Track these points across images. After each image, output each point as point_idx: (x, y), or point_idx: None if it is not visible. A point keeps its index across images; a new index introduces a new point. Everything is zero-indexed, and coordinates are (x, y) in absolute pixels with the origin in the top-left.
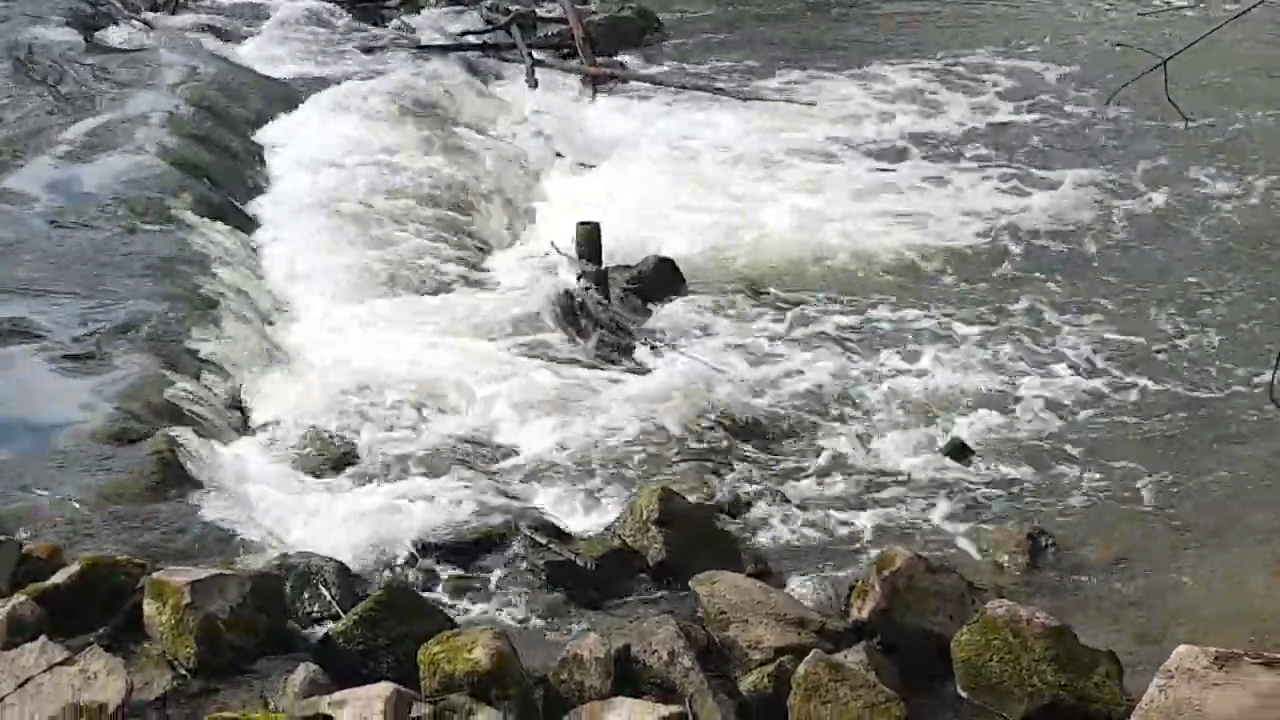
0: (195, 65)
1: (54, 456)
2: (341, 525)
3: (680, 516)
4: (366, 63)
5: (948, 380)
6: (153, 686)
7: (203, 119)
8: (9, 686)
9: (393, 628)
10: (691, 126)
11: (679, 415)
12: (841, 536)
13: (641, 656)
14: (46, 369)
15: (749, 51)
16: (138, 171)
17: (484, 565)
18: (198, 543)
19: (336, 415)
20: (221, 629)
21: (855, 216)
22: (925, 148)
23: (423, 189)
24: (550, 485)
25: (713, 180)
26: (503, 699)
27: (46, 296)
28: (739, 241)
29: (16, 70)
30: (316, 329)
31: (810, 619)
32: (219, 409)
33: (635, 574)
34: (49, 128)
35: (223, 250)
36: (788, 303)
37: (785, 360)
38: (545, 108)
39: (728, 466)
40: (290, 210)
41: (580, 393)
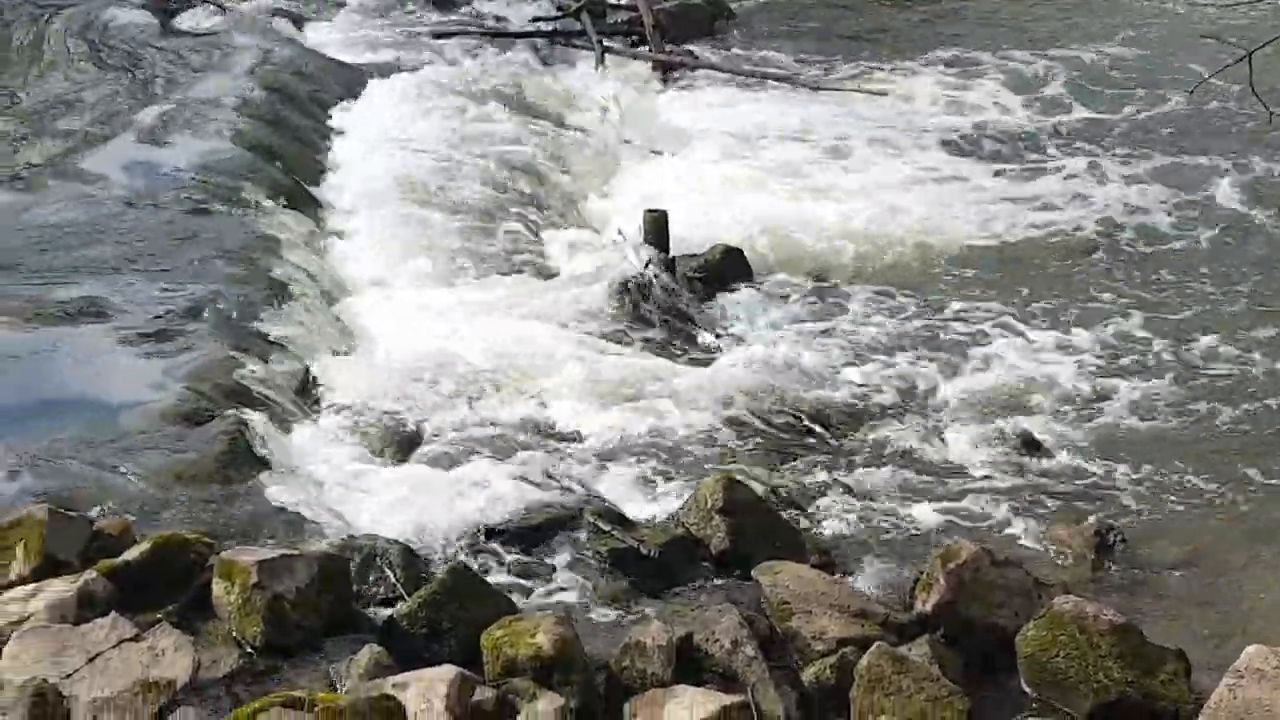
0: (268, 49)
1: (125, 436)
2: (407, 508)
3: (744, 506)
4: (438, 49)
5: (1018, 373)
6: (220, 665)
7: (275, 103)
8: (80, 661)
9: (456, 611)
10: (761, 115)
11: (744, 404)
12: (906, 529)
13: (704, 645)
14: (119, 349)
15: (821, 40)
16: (211, 155)
17: (548, 551)
18: (265, 523)
19: (403, 398)
20: (288, 609)
21: (925, 207)
22: (1000, 138)
23: (492, 175)
24: (614, 472)
25: (781, 169)
26: (565, 684)
27: (120, 277)
28: (807, 231)
29: (93, 54)
30: (384, 312)
31: (874, 611)
32: (287, 391)
33: (698, 562)
34: (125, 111)
35: (293, 234)
36: (856, 294)
37: (852, 350)
38: (614, 95)
39: (792, 456)
40: (360, 194)
41: (645, 380)
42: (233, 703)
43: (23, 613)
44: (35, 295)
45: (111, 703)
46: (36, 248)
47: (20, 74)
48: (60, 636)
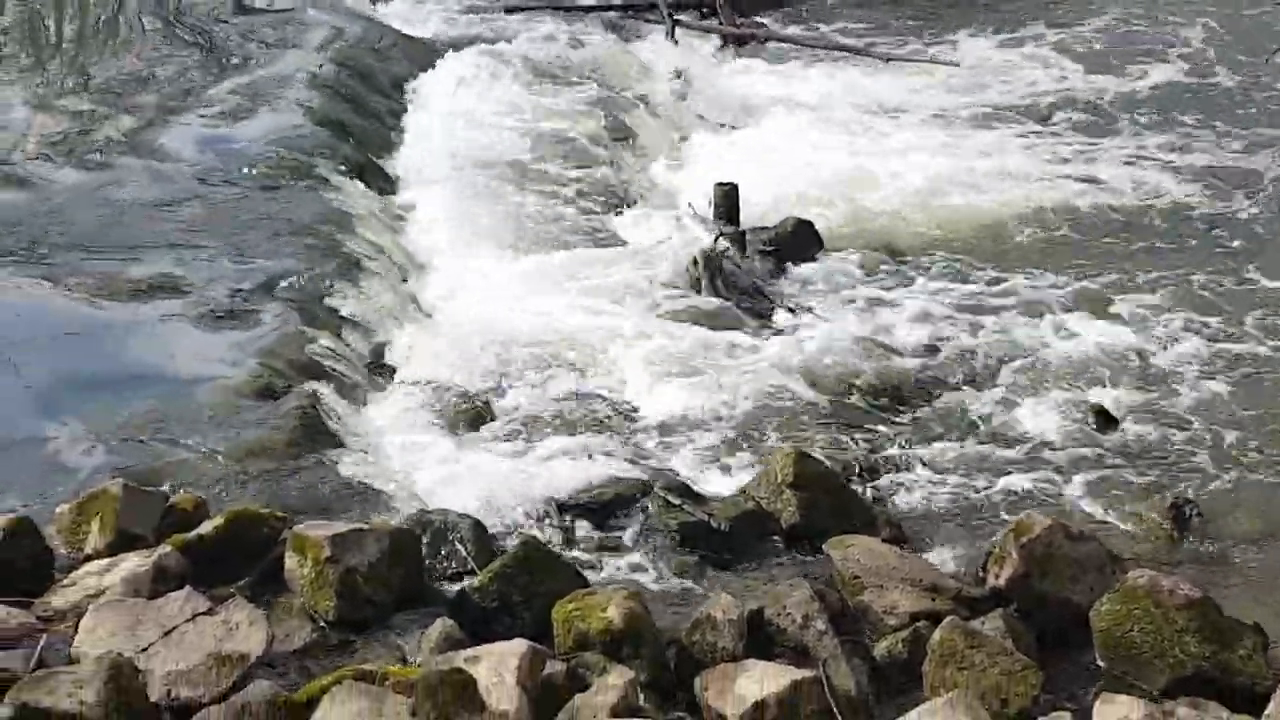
0: (340, 25)
1: (199, 410)
2: (478, 482)
3: (815, 479)
4: (509, 22)
5: (1092, 346)
6: (293, 638)
7: (347, 79)
8: (155, 634)
9: (527, 585)
10: (832, 87)
11: (815, 378)
12: (979, 503)
13: (775, 619)
14: (193, 324)
15: (892, 12)
16: (283, 131)
17: (618, 525)
18: (337, 497)
19: (474, 373)
20: (360, 583)
21: (999, 179)
22: (1073, 111)
23: (562, 148)
24: (684, 446)
25: (853, 142)
26: (635, 658)
27: (193, 253)
28: (880, 204)
29: (167, 30)
30: (456, 287)
31: (946, 585)
32: (359, 366)
33: (769, 536)
34: (198, 87)
35: (364, 209)
36: (928, 266)
37: (924, 324)
38: (685, 68)
39: (864, 430)
40: (431, 169)
41: (716, 354)
42: (306, 676)
43: (99, 586)
44: (110, 271)
45: (186, 676)
46: (111, 224)
47: (96, 52)
48: (135, 610)
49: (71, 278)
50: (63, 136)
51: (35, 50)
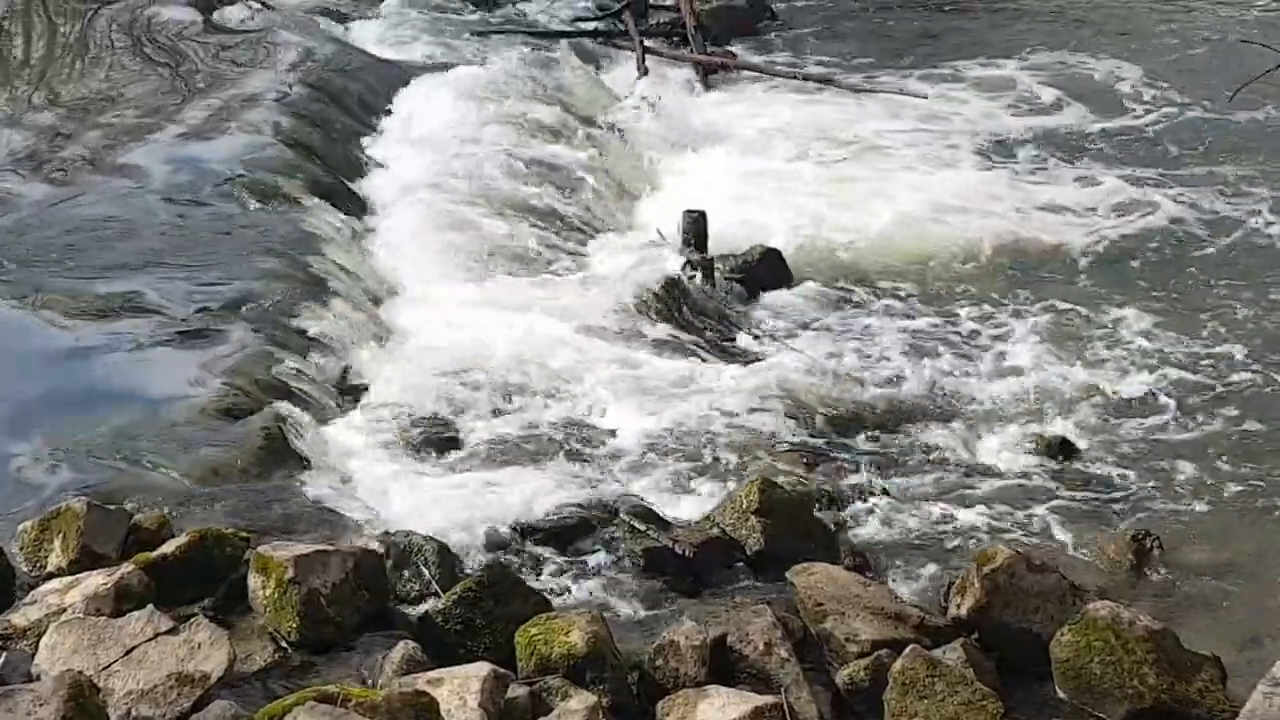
0: (311, 46)
1: (164, 429)
2: (442, 505)
3: (779, 507)
4: (479, 47)
5: (1054, 378)
6: (255, 658)
7: (317, 100)
8: (116, 654)
9: (491, 608)
10: (802, 117)
11: (781, 406)
12: (942, 532)
13: (737, 646)
14: (159, 344)
15: (863, 43)
16: (252, 151)
17: (582, 549)
18: (302, 518)
19: (440, 396)
20: (323, 604)
21: (965, 212)
22: (1040, 144)
23: (531, 174)
24: (650, 472)
25: (822, 172)
26: (598, 682)
27: (161, 272)
28: (847, 234)
29: (137, 49)
30: (423, 310)
31: (908, 614)
32: (325, 387)
33: (733, 563)
34: (167, 106)
35: (333, 230)
36: (894, 296)
37: (889, 354)
38: (655, 95)
39: (828, 459)
40: (400, 192)
41: (682, 380)
42: (267, 697)
43: (61, 604)
44: (75, 289)
45: (147, 695)
46: (78, 243)
47: (64, 68)
48: (97, 629)
49: (37, 296)
50: (29, 154)
51: (3, 67)
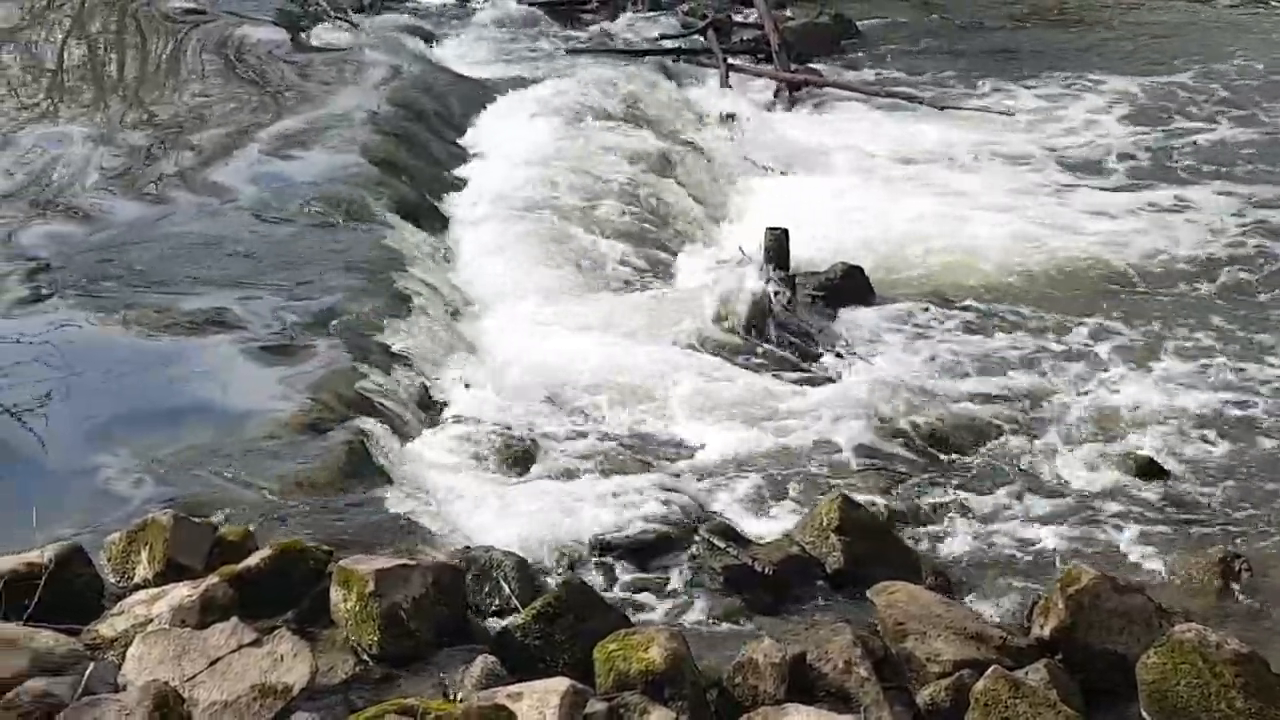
0: (397, 65)
1: (249, 443)
2: (522, 520)
3: (860, 525)
4: (564, 66)
5: (1143, 398)
6: (336, 671)
7: (403, 118)
8: (201, 665)
9: (570, 624)
10: (885, 134)
11: (862, 424)
12: (1025, 552)
13: (817, 664)
14: (245, 359)
15: (948, 60)
16: (339, 169)
17: (661, 566)
18: (383, 532)
19: (521, 412)
20: (404, 618)
21: (1049, 230)
22: (1129, 161)
23: (614, 191)
24: (729, 489)
25: (906, 189)
26: (676, 699)
27: (247, 288)
28: (932, 252)
29: (226, 69)
30: (504, 326)
31: (990, 634)
32: (407, 403)
33: (813, 581)
34: (255, 125)
35: (417, 248)
36: (979, 314)
37: (974, 372)
38: (739, 113)
39: (910, 477)
40: (483, 209)
41: (763, 397)
42: (348, 709)
43: (147, 615)
44: (165, 305)
45: (230, 706)
46: (167, 258)
47: (157, 87)
48: (182, 640)
49: (128, 310)
50: (122, 172)
51: (98, 86)
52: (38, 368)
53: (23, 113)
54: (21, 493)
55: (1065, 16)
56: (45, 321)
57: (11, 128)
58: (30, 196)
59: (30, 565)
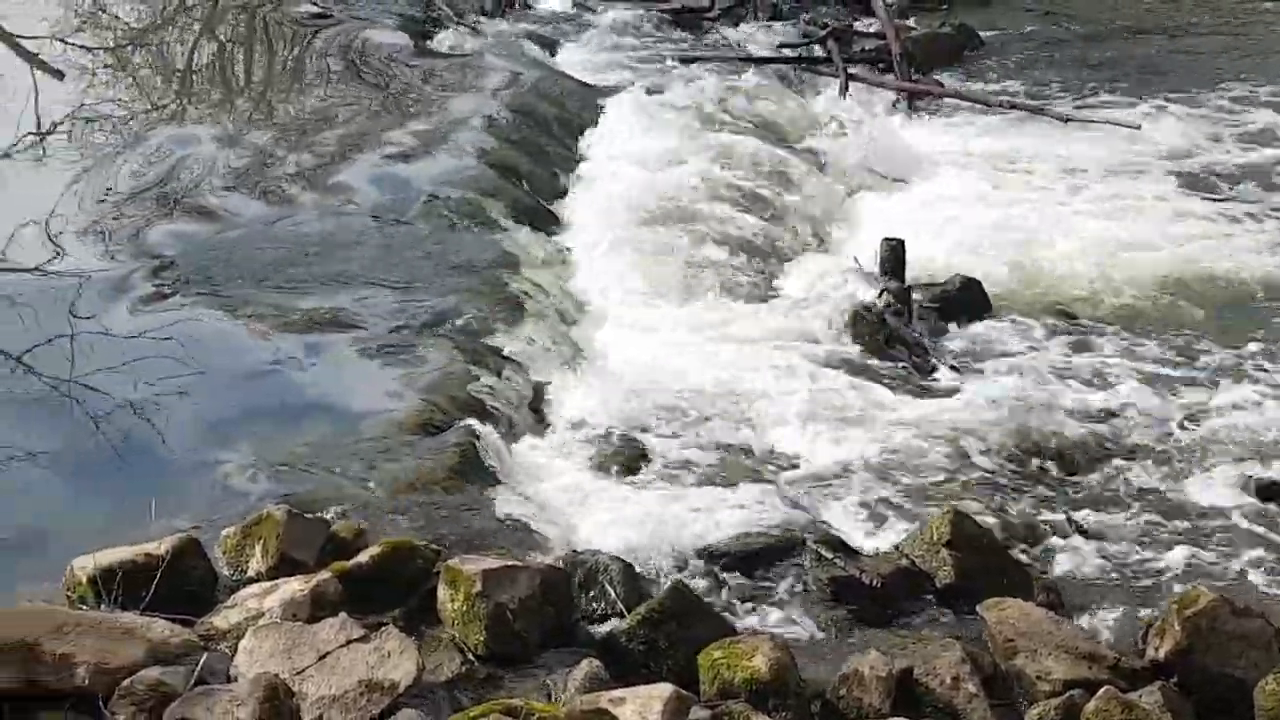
0: (517, 71)
1: (362, 442)
2: (629, 525)
3: (971, 540)
4: (683, 72)
5: (1261, 417)
6: (442, 670)
7: (521, 123)
8: (310, 659)
9: (674, 630)
10: (1007, 146)
11: (976, 438)
12: (1140, 572)
13: (924, 679)
14: (360, 358)
15: (1074, 72)
16: (457, 173)
17: (767, 575)
18: (491, 533)
19: (631, 417)
20: (510, 619)
21: (1172, 245)
22: (1252, 177)
23: (729, 198)
24: (838, 499)
25: (1026, 201)
26: (780, 710)
27: (364, 289)
28: (1050, 265)
29: (350, 71)
30: (616, 332)
31: (1103, 654)
32: (518, 405)
33: (922, 595)
34: (377, 128)
35: (531, 252)
36: (1098, 330)
37: (1091, 388)
38: (857, 122)
39: (1024, 493)
40: (598, 214)
41: (875, 409)
42: (453, 707)
43: (259, 609)
44: (284, 304)
45: (338, 701)
46: (287, 258)
47: (282, 91)
48: (293, 634)
49: (248, 308)
50: (246, 172)
51: (225, 88)
52: (160, 363)
53: (152, 114)
54: (141, 485)
55: (1189, 28)
56: (168, 318)
57: (141, 128)
58: (157, 195)
59: (148, 556)
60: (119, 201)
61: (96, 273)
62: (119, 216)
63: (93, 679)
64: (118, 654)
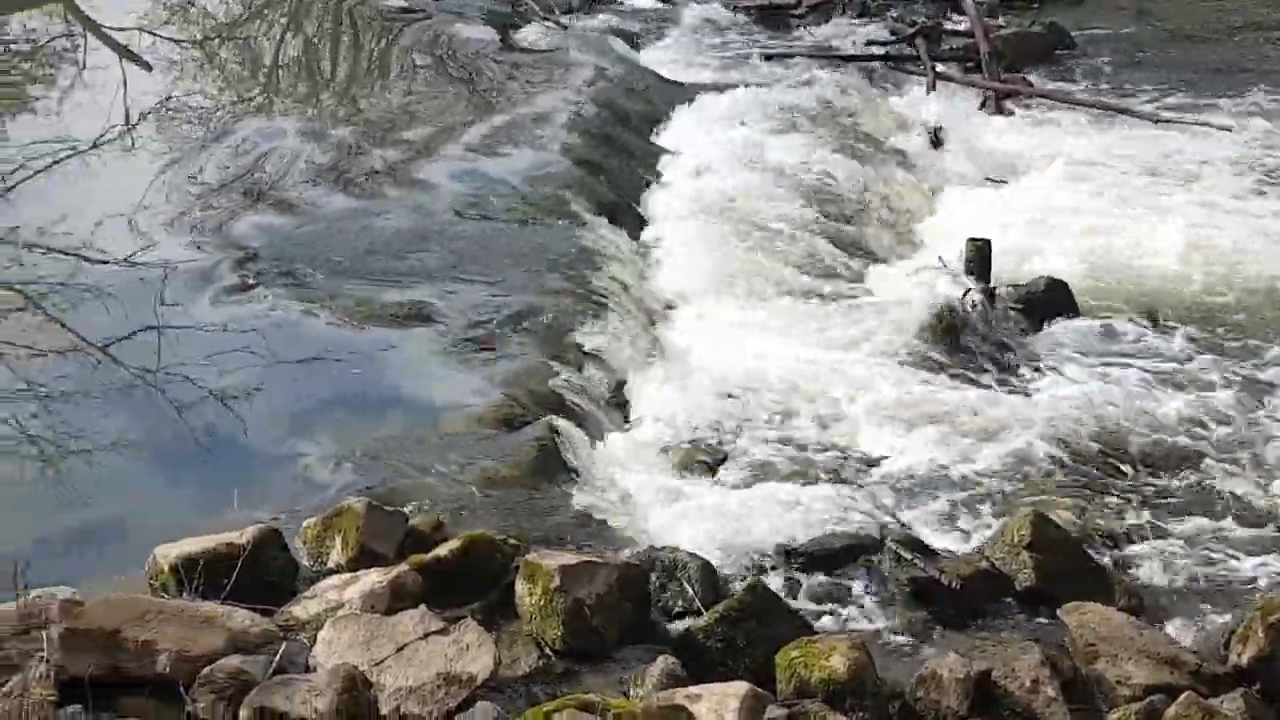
0: (602, 67)
1: (443, 436)
2: (708, 522)
3: (1053, 543)
4: (767, 69)
5: None
6: (519, 663)
7: (605, 119)
8: (388, 650)
9: (752, 629)
10: (1096, 147)
11: (1060, 440)
12: (1224, 578)
13: (1002, 682)
14: (441, 352)
15: (1165, 72)
16: (540, 168)
17: (846, 575)
18: (570, 528)
19: (711, 415)
20: (587, 614)
21: (1267, 247)
22: None
23: (813, 197)
24: (919, 500)
25: (1115, 202)
26: (857, 710)
27: (446, 283)
28: (1138, 267)
29: (436, 66)
30: (698, 329)
31: (1184, 659)
32: (599, 401)
33: (1001, 598)
34: (461, 123)
35: (613, 248)
36: (1185, 332)
37: (1179, 392)
38: (944, 121)
39: (1107, 496)
40: (680, 212)
41: (957, 410)
42: (530, 701)
43: (338, 600)
44: (366, 297)
45: (415, 692)
46: (370, 252)
47: (368, 85)
48: (371, 625)
49: (331, 301)
50: (331, 165)
51: (311, 82)
52: (243, 355)
53: (238, 106)
54: (224, 475)
55: None
56: (252, 310)
57: (228, 121)
58: (243, 188)
59: (230, 546)
60: (205, 193)
61: (182, 263)
62: (205, 208)
63: (174, 666)
64: (198, 642)
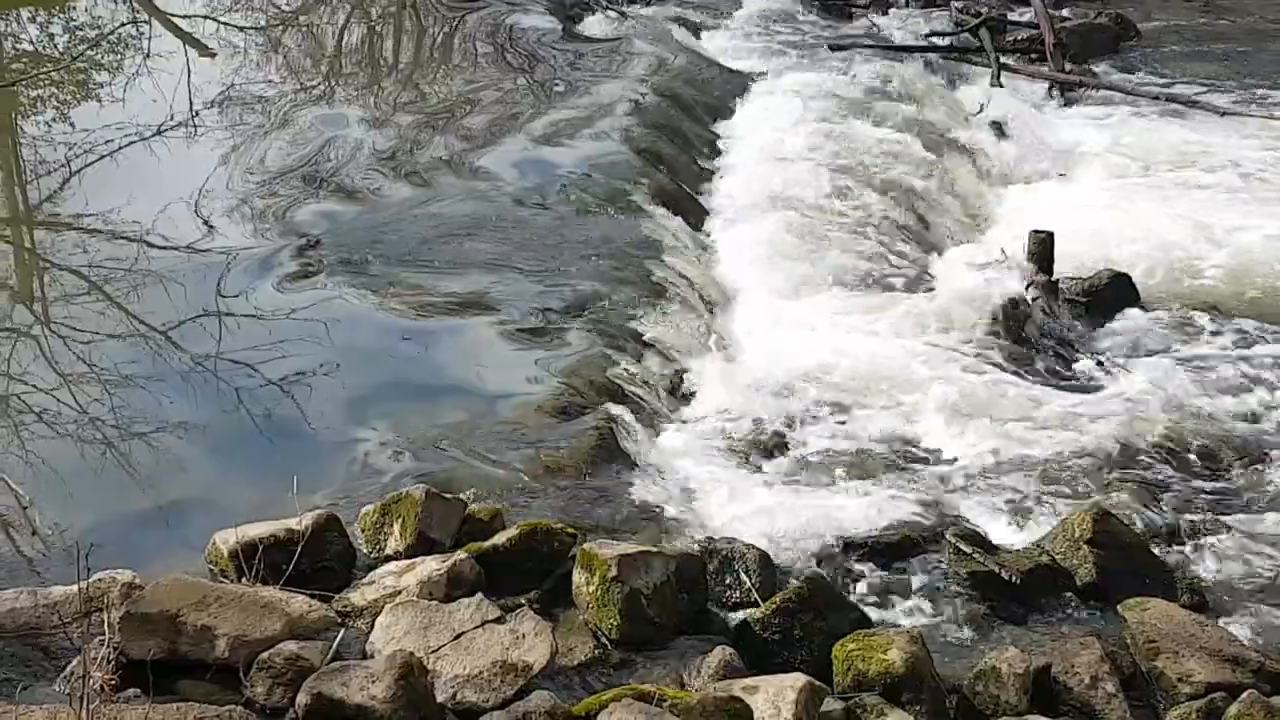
0: (664, 56)
1: (501, 424)
2: (766, 515)
3: (1114, 539)
4: (830, 60)
5: None
6: (575, 652)
7: (666, 109)
8: (446, 638)
9: (809, 620)
10: (1161, 139)
11: (1122, 435)
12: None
13: (1062, 677)
14: (501, 341)
15: (1234, 65)
16: (601, 158)
17: (904, 568)
18: (627, 518)
19: (770, 407)
20: (644, 604)
21: None
22: None
23: (875, 187)
24: (978, 494)
25: (1180, 195)
26: (915, 704)
27: (506, 272)
28: (1203, 261)
29: (497, 55)
30: (758, 321)
31: (1247, 657)
32: (658, 392)
33: (1061, 593)
34: (522, 111)
35: (674, 238)
36: (1249, 328)
37: (1245, 389)
38: (1009, 113)
39: (1170, 492)
40: (742, 202)
41: (1019, 403)
42: (586, 690)
43: (396, 586)
44: (426, 285)
45: (472, 680)
46: (431, 240)
47: (430, 73)
48: (429, 612)
49: (391, 289)
50: (393, 154)
51: (373, 71)
52: (304, 342)
53: (301, 94)
54: (284, 462)
55: None
56: (313, 297)
57: (290, 109)
58: (304, 175)
59: (289, 532)
60: (267, 180)
61: (244, 250)
62: (267, 195)
63: (232, 651)
64: (257, 627)
